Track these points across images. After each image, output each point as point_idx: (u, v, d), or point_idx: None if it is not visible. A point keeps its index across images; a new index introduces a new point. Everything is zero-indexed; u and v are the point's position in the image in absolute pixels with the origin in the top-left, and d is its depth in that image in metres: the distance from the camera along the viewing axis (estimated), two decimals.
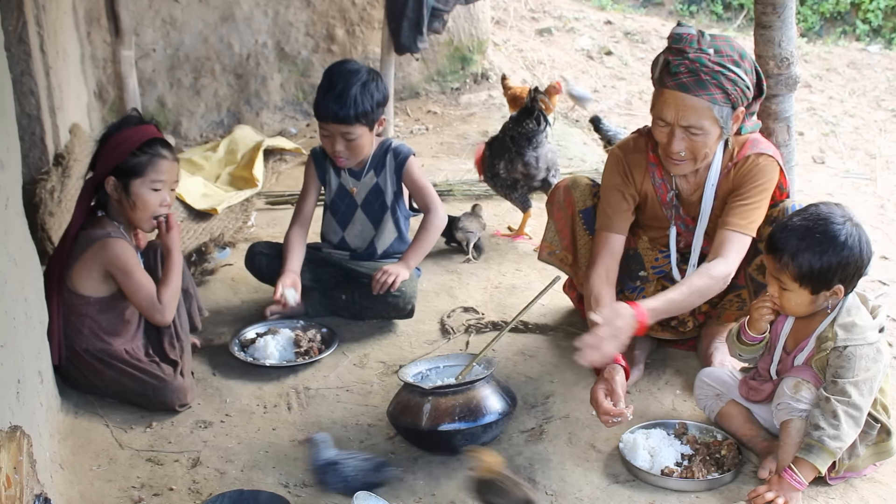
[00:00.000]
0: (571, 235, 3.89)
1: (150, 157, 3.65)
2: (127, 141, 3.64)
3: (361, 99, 4.02)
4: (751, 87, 3.38)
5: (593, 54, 8.14)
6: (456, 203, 5.44)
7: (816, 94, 7.58)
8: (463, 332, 4.19)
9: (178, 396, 3.63)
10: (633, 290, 3.82)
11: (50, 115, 5.02)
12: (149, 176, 3.64)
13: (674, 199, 3.64)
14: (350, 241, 4.34)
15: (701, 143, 3.37)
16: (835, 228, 3.06)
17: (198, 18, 6.45)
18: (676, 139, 3.37)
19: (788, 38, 4.08)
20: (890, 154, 6.52)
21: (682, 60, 3.31)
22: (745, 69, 3.35)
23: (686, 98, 3.30)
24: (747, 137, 3.55)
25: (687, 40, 3.33)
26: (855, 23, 9.42)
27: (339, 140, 4.08)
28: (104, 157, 3.68)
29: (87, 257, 3.64)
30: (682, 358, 3.94)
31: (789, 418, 3.12)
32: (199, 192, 5.53)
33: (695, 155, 3.41)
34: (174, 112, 6.51)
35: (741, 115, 3.41)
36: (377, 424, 3.57)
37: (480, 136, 6.38)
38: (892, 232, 5.30)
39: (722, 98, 3.30)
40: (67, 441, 3.45)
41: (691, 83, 3.29)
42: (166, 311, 3.70)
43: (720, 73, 3.29)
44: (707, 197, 3.58)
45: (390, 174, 4.24)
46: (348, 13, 6.82)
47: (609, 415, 3.21)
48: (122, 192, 3.65)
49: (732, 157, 3.53)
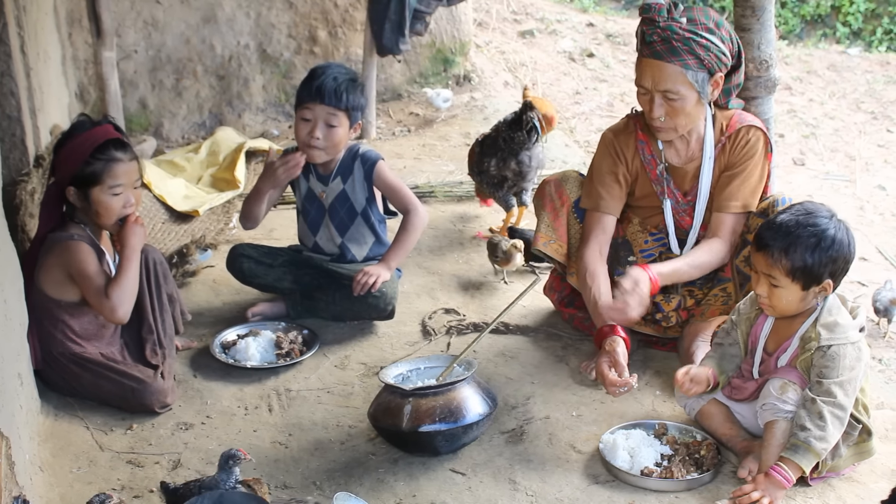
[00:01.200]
0: (566, 227, 3.93)
1: (105, 162, 3.58)
2: (79, 148, 3.58)
3: (350, 90, 4.07)
4: (727, 54, 3.55)
5: (575, 56, 8.16)
6: (437, 205, 5.45)
7: (797, 96, 7.62)
8: (444, 334, 4.19)
9: (158, 398, 3.62)
10: (622, 275, 3.86)
11: (31, 116, 4.99)
12: (106, 182, 3.59)
13: (664, 172, 3.76)
14: (323, 246, 4.34)
15: (679, 107, 3.55)
16: (824, 223, 3.11)
17: (180, 20, 6.44)
18: (656, 105, 3.56)
19: (767, 40, 4.11)
20: (869, 156, 6.56)
21: (655, 29, 3.50)
22: (722, 36, 3.53)
23: (660, 65, 3.51)
24: (733, 112, 3.74)
25: (655, 9, 3.51)
26: (835, 25, 9.47)
27: (320, 125, 4.08)
28: (61, 167, 3.63)
29: (51, 260, 3.63)
30: (663, 359, 3.96)
31: (774, 419, 3.13)
32: (181, 193, 5.51)
33: (674, 119, 3.57)
34: (156, 113, 6.49)
35: (720, 81, 3.59)
36: (358, 426, 3.57)
37: (463, 137, 6.39)
38: (871, 233, 5.34)
39: (695, 63, 3.49)
40: (47, 443, 3.44)
41: (664, 50, 3.49)
42: (117, 307, 3.59)
43: (692, 39, 3.47)
44: (705, 169, 3.72)
45: (359, 181, 4.22)
46: (330, 15, 6.82)
47: (616, 385, 3.36)
48: (84, 200, 3.62)
49: (723, 131, 3.70)
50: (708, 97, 3.59)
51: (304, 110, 4.10)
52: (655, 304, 3.83)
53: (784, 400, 3.12)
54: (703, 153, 3.70)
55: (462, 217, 5.34)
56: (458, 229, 5.20)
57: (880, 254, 5.08)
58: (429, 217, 4.36)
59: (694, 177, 3.74)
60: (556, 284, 4.17)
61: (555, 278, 4.18)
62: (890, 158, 6.53)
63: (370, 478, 3.29)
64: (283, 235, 4.38)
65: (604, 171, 3.80)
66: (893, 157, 6.55)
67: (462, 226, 5.24)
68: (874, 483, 3.27)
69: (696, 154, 3.72)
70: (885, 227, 5.48)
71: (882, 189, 6.03)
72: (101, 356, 3.67)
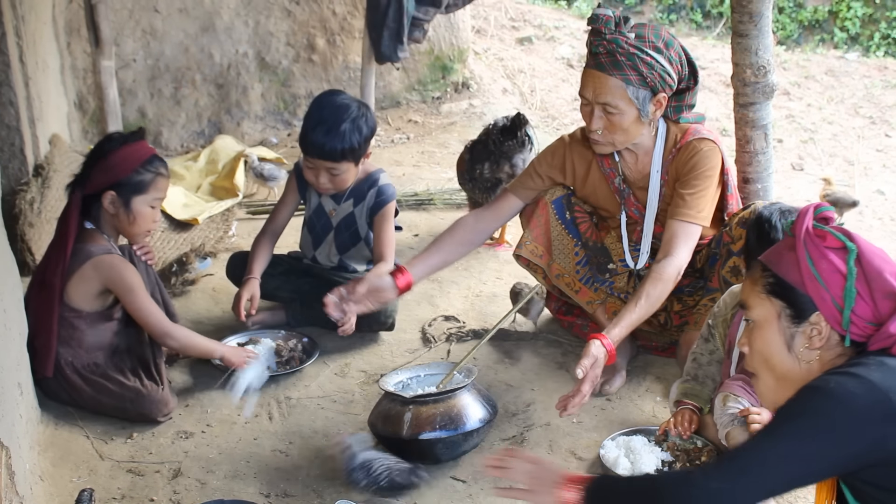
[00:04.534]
0: (545, 226, 3.87)
1: (154, 175, 3.68)
2: (130, 157, 3.66)
3: (350, 136, 3.95)
4: (671, 74, 3.50)
5: (573, 63, 8.17)
6: (437, 212, 5.45)
7: (795, 101, 7.63)
8: (444, 341, 4.20)
9: (160, 407, 3.63)
10: (603, 283, 3.88)
11: (30, 125, 5.00)
12: (151, 194, 3.68)
13: (622, 184, 3.75)
14: (321, 261, 4.34)
15: (617, 121, 3.52)
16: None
17: (178, 28, 6.45)
18: (595, 117, 3.54)
19: (765, 46, 4.11)
20: (868, 161, 6.57)
21: (601, 41, 3.47)
22: (669, 57, 3.50)
23: (602, 77, 3.48)
24: (689, 126, 3.69)
25: (602, 20, 3.47)
26: (833, 31, 9.50)
27: (324, 174, 4.05)
28: (103, 172, 3.66)
29: (87, 273, 3.65)
30: (663, 365, 3.96)
31: (726, 430, 3.17)
32: (180, 202, 5.52)
33: (612, 134, 3.55)
34: (155, 122, 6.50)
35: (663, 101, 3.55)
36: (358, 434, 3.57)
37: (461, 144, 6.38)
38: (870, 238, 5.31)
39: (637, 80, 3.46)
40: (47, 453, 3.44)
41: (607, 63, 3.46)
42: (170, 340, 3.73)
43: (636, 55, 3.44)
44: (653, 182, 3.69)
45: (367, 210, 4.21)
46: (329, 23, 6.83)
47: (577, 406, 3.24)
48: (122, 206, 3.66)
49: (676, 143, 3.66)
50: (648, 116, 3.55)
51: (306, 160, 4.09)
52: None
53: (726, 409, 3.17)
54: (652, 166, 3.68)
55: None
56: None
57: None
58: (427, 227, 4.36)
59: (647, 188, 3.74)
60: (554, 294, 4.17)
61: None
62: (888, 163, 6.54)
63: None
64: (283, 243, 4.39)
65: (537, 165, 3.84)
66: (892, 162, 6.56)
67: None
68: None
69: (646, 168, 3.70)
70: (884, 232, 5.49)
71: (881, 193, 6.04)
72: (107, 364, 3.69)
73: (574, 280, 3.87)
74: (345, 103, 4.02)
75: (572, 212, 3.83)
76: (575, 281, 3.87)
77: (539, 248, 3.87)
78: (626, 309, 3.38)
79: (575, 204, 3.84)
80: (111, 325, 3.75)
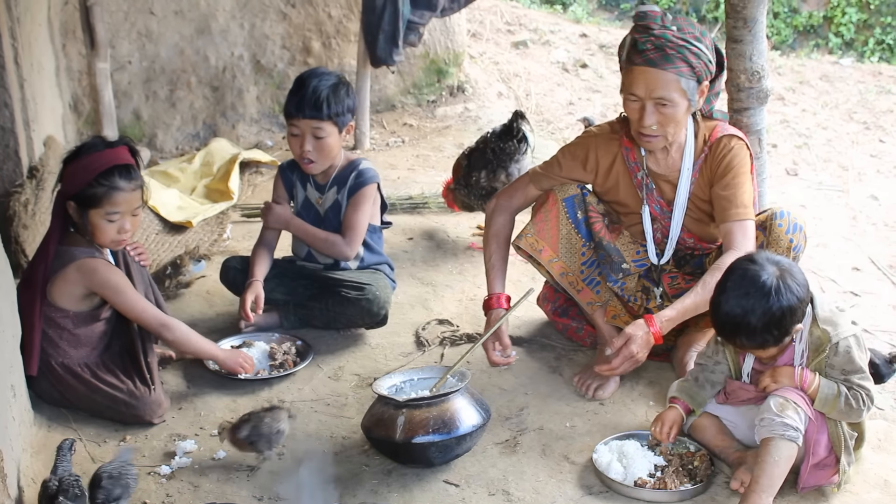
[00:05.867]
0: (553, 222, 3.86)
1: (107, 189, 3.59)
2: (85, 169, 3.61)
3: (333, 98, 4.07)
4: (712, 62, 3.58)
5: (569, 67, 8.17)
6: (431, 216, 5.45)
7: (790, 106, 7.63)
8: (437, 345, 4.20)
9: (153, 409, 3.63)
10: (615, 282, 3.89)
11: (24, 127, 4.99)
12: (104, 208, 3.61)
13: (645, 178, 3.76)
14: (316, 255, 4.34)
15: (671, 114, 3.55)
16: (764, 300, 3.06)
17: (174, 31, 6.44)
18: (648, 113, 3.55)
19: (759, 51, 4.12)
20: (862, 166, 6.57)
21: (649, 37, 3.51)
22: (706, 45, 3.57)
23: (655, 72, 3.50)
24: (716, 123, 3.75)
25: (651, 17, 3.53)
26: (828, 36, 9.51)
27: (309, 138, 4.09)
28: (65, 182, 3.67)
29: (70, 275, 3.64)
30: (656, 369, 3.96)
31: (771, 436, 3.08)
32: (175, 204, 5.51)
33: (665, 128, 3.57)
34: (150, 124, 6.49)
35: (706, 90, 3.61)
36: (351, 437, 3.57)
37: (456, 148, 6.38)
38: (864, 244, 5.34)
39: (688, 71, 3.50)
40: (40, 455, 3.43)
41: (658, 58, 3.49)
42: (167, 334, 3.75)
43: (685, 47, 3.49)
44: (684, 178, 3.73)
45: (347, 192, 4.24)
46: (324, 26, 6.82)
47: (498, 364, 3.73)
48: (81, 217, 3.65)
49: (706, 141, 3.71)
50: (696, 105, 3.60)
51: (291, 126, 4.13)
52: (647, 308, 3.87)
53: (782, 418, 3.08)
54: (683, 162, 3.71)
55: (456, 228, 5.34)
56: (451, 240, 5.20)
57: (873, 264, 5.08)
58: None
59: (676, 186, 3.75)
60: (550, 295, 4.18)
61: (548, 289, 4.19)
62: (882, 168, 6.54)
63: (363, 489, 3.29)
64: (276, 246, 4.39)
65: (561, 160, 3.85)
66: (886, 167, 6.56)
67: (456, 236, 5.24)
68: (867, 493, 3.28)
69: (677, 163, 3.73)
70: (878, 237, 5.49)
71: (875, 199, 6.04)
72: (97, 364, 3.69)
73: (577, 280, 3.88)
74: (326, 72, 4.20)
75: (585, 211, 3.84)
76: (578, 280, 3.88)
77: (540, 242, 3.88)
78: (685, 296, 3.51)
79: (588, 204, 3.85)
80: (99, 325, 3.74)
